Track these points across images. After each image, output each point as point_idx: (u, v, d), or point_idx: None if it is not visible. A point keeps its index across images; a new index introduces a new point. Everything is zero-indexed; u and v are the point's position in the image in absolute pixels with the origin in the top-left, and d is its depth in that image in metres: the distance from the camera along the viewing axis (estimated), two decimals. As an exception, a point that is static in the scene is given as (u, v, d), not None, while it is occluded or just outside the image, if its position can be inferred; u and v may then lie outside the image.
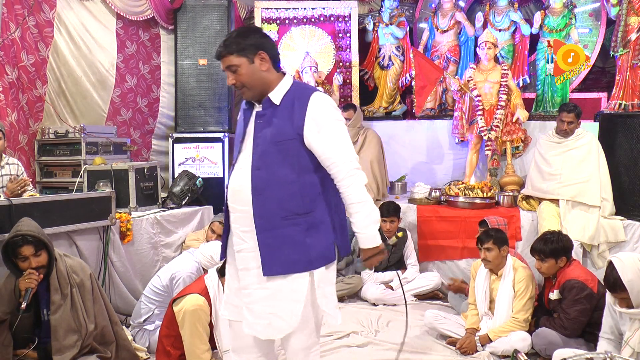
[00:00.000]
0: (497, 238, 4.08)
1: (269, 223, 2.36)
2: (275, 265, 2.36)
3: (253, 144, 2.41)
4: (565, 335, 3.74)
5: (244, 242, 2.43)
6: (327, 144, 2.36)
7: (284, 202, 2.36)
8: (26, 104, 5.21)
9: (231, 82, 2.42)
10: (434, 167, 6.64)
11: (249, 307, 2.42)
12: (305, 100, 2.38)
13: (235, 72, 2.40)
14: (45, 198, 3.81)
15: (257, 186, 2.37)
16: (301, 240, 2.37)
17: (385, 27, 6.93)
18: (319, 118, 2.37)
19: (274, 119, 2.40)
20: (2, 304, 3.05)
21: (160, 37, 6.50)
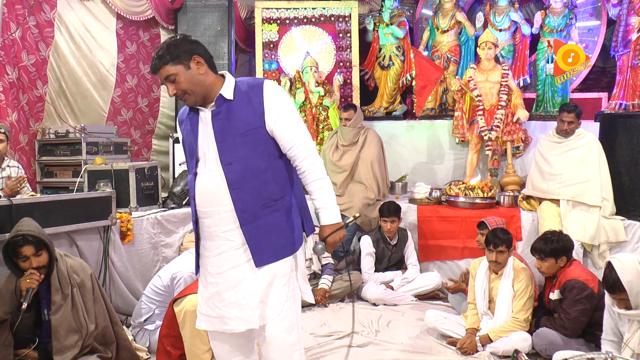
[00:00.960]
0: (509, 241, 4.08)
1: (251, 215, 2.40)
2: (265, 254, 2.42)
3: (216, 141, 2.42)
4: (565, 335, 3.74)
5: (229, 241, 2.44)
6: (288, 127, 2.44)
7: (261, 190, 2.41)
8: (27, 104, 5.21)
9: (172, 93, 2.42)
10: (435, 167, 6.64)
11: (239, 304, 2.43)
12: (259, 88, 2.45)
13: (174, 81, 2.40)
14: (46, 198, 3.81)
15: (233, 181, 2.39)
16: (284, 225, 2.45)
17: (385, 27, 6.92)
18: (277, 103, 2.43)
19: (232, 113, 2.43)
20: (3, 304, 3.05)
21: (161, 37, 6.50)
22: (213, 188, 2.42)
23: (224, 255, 2.45)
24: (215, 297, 2.49)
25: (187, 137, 2.56)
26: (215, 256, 2.47)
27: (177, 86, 2.40)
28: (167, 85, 2.42)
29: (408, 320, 4.66)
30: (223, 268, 2.46)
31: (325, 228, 2.50)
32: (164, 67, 2.39)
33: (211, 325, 2.53)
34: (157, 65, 2.40)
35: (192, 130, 2.50)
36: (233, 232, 2.43)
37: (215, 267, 2.48)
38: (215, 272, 2.48)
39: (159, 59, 2.40)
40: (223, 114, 2.43)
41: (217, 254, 2.46)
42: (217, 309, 2.48)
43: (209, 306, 2.52)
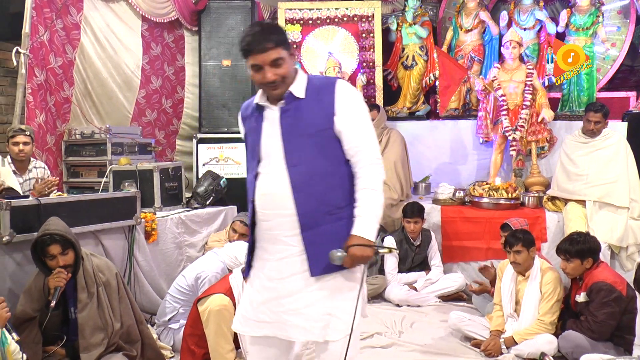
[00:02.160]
0: (525, 240, 4.03)
1: (313, 221, 2.25)
2: (322, 264, 2.25)
3: (282, 141, 2.27)
4: (593, 338, 3.68)
5: (291, 247, 2.29)
6: (356, 130, 2.28)
7: (326, 196, 2.27)
8: (54, 106, 5.29)
9: (272, 78, 2.23)
10: (458, 167, 6.59)
11: (300, 312, 2.28)
12: (331, 88, 2.30)
13: (279, 65, 2.23)
14: (72, 198, 3.86)
15: (297, 184, 2.24)
16: (345, 234, 2.25)
17: (408, 27, 6.90)
18: (349, 105, 2.29)
19: (301, 112, 2.28)
20: (32, 302, 3.10)
21: (185, 38, 6.55)
22: (276, 190, 2.27)
23: (285, 260, 2.30)
24: (273, 303, 2.33)
25: (250, 135, 2.42)
26: (277, 261, 2.32)
27: (279, 71, 2.23)
28: (266, 68, 2.22)
29: (431, 322, 4.64)
30: (284, 274, 2.30)
31: (354, 237, 2.24)
32: (276, 48, 2.21)
33: (263, 331, 2.37)
34: (269, 45, 2.20)
35: (256, 129, 2.36)
36: (294, 238, 2.28)
37: (276, 272, 2.32)
38: (275, 277, 2.32)
39: (273, 37, 2.22)
40: (291, 112, 2.29)
41: (279, 258, 2.31)
42: (275, 314, 2.33)
43: (262, 311, 2.35)
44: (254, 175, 2.35)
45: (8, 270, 3.33)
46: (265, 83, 2.25)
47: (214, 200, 5.39)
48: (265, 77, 2.23)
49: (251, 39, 2.21)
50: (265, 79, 2.23)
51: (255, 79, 2.28)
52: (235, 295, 3.44)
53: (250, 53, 2.23)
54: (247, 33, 2.24)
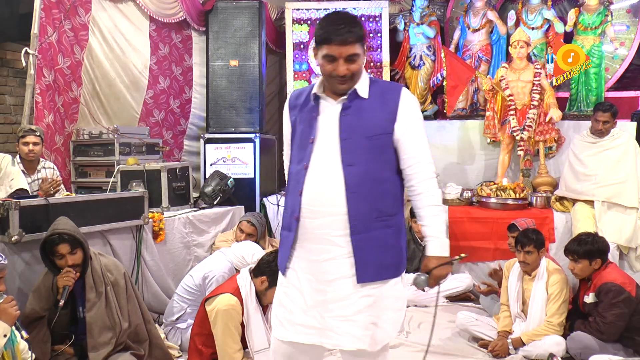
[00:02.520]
0: (537, 241, 4.02)
1: (363, 225, 2.18)
2: (369, 271, 2.19)
3: (340, 139, 2.21)
4: (601, 339, 3.67)
5: (339, 248, 2.20)
6: (415, 142, 2.24)
7: (377, 201, 2.21)
8: (62, 106, 5.31)
9: (344, 72, 2.17)
10: (466, 167, 6.57)
11: (349, 319, 2.20)
12: (396, 94, 2.26)
13: (354, 61, 2.18)
14: (81, 198, 3.88)
15: (351, 184, 2.17)
16: (393, 243, 2.25)
17: (416, 27, 6.90)
18: (411, 114, 2.25)
19: (362, 112, 2.23)
20: (41, 300, 3.11)
21: (192, 38, 6.56)
22: (329, 187, 2.20)
23: (334, 262, 2.22)
24: (322, 307, 2.23)
25: (300, 124, 2.33)
26: (325, 262, 2.22)
27: (351, 67, 2.18)
28: (340, 61, 2.16)
29: (439, 322, 4.61)
30: (333, 276, 2.22)
31: (432, 259, 2.25)
32: (355, 44, 2.16)
33: (311, 339, 2.26)
34: (351, 38, 2.15)
35: (310, 119, 2.28)
36: (343, 239, 2.20)
37: (325, 274, 2.23)
38: (323, 279, 2.23)
39: (354, 33, 2.16)
40: (353, 111, 2.23)
41: (326, 259, 2.22)
42: (323, 320, 2.23)
43: (312, 316, 2.25)
44: (302, 167, 2.26)
45: (17, 269, 3.35)
46: (335, 76, 2.20)
47: (222, 200, 5.41)
48: (337, 70, 2.17)
49: (333, 28, 2.15)
50: (337, 72, 2.18)
51: (325, 69, 2.21)
52: (242, 295, 3.45)
53: (329, 42, 2.16)
54: (329, 21, 2.18)
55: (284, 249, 2.34)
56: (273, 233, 6.01)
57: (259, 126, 6.29)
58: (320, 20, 2.23)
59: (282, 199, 6.11)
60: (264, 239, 5.07)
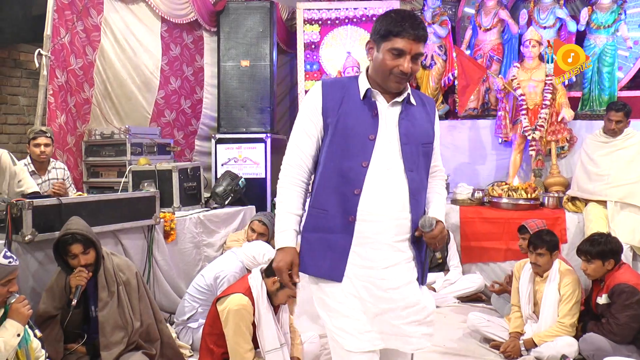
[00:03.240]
0: (551, 242, 3.99)
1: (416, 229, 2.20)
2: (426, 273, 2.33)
3: (400, 142, 2.16)
4: (614, 341, 3.64)
5: (401, 253, 2.18)
6: (438, 151, 2.39)
7: (423, 207, 2.27)
8: (74, 106, 5.34)
9: (408, 70, 2.10)
10: (477, 167, 6.55)
11: (424, 323, 2.22)
12: (433, 105, 2.36)
13: (417, 62, 2.15)
14: (93, 198, 3.90)
15: (413, 189, 2.18)
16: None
17: (427, 26, 6.83)
18: (438, 125, 2.38)
19: (415, 119, 2.22)
20: (54, 300, 3.14)
21: (204, 39, 6.58)
22: (395, 191, 2.15)
23: (397, 267, 2.17)
24: (391, 314, 2.16)
25: (349, 119, 2.18)
26: (385, 269, 2.15)
27: (414, 67, 2.13)
28: (406, 58, 2.09)
29: (450, 323, 4.61)
30: (398, 282, 2.16)
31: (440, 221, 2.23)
32: (424, 43, 2.14)
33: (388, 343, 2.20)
34: (424, 36, 2.12)
35: (368, 116, 2.17)
36: (404, 244, 2.18)
37: (387, 281, 2.15)
38: (387, 287, 2.15)
39: (424, 27, 2.12)
40: (406, 115, 2.20)
41: (387, 266, 2.15)
42: (395, 327, 2.17)
43: (382, 322, 2.17)
44: (359, 164, 2.14)
45: (30, 269, 3.38)
46: (396, 73, 2.11)
47: (233, 200, 5.42)
48: (403, 66, 2.09)
49: (409, 22, 2.07)
50: (402, 68, 2.10)
51: (387, 64, 2.11)
52: (254, 295, 3.45)
53: (401, 36, 2.07)
54: (403, 16, 2.11)
55: (335, 254, 2.18)
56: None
57: (270, 126, 6.30)
58: (389, 13, 2.15)
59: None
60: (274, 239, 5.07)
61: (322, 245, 2.19)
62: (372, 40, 2.18)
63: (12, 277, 2.67)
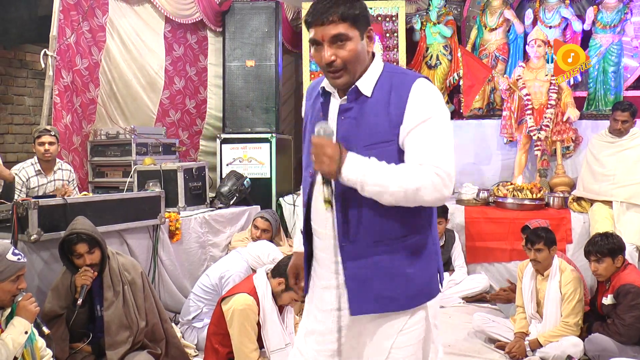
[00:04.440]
0: (547, 239, 3.99)
1: (357, 250, 1.86)
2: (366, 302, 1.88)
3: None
4: (620, 342, 3.63)
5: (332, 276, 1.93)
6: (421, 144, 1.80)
7: (378, 223, 1.85)
8: (80, 107, 5.36)
9: (330, 59, 1.79)
10: (482, 167, 6.53)
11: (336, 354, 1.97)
12: (406, 88, 1.82)
13: (343, 46, 1.79)
14: (98, 197, 3.91)
15: (342, 203, 1.85)
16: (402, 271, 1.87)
17: (432, 26, 6.87)
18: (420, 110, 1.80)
19: (364, 115, 1.84)
20: (59, 299, 3.15)
21: (208, 39, 6.59)
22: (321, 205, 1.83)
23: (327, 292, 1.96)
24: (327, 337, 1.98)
25: (310, 125, 1.97)
26: (321, 289, 1.99)
27: (340, 53, 1.79)
28: (325, 46, 1.80)
29: (455, 323, 4.60)
30: (327, 306, 1.96)
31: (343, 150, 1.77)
32: (340, 23, 1.77)
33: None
34: (332, 17, 1.77)
35: (319, 119, 1.91)
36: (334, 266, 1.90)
37: (322, 303, 1.98)
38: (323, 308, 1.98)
39: (336, 8, 1.77)
40: (353, 113, 1.86)
41: (323, 287, 1.97)
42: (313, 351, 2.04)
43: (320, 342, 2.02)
44: (309, 174, 1.96)
45: (36, 268, 3.39)
46: (324, 66, 1.83)
47: (238, 200, 5.43)
48: (322, 57, 1.81)
49: (314, 7, 1.81)
50: (323, 59, 1.81)
51: (315, 61, 1.86)
52: (259, 295, 3.46)
53: (309, 27, 1.83)
54: (312, 6, 1.84)
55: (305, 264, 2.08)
56: (290, 233, 6.02)
57: (275, 126, 6.30)
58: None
59: (298, 199, 6.14)
60: (279, 235, 5.09)
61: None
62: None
63: (20, 274, 2.69)
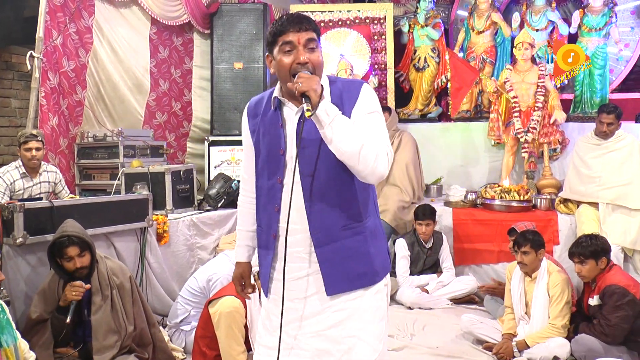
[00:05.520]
0: (534, 241, 4.02)
1: (327, 236, 2.08)
2: (338, 283, 2.10)
3: (297, 147, 2.03)
4: (606, 342, 3.65)
5: (307, 264, 2.11)
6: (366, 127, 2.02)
7: (342, 209, 2.08)
8: (66, 109, 5.32)
9: (305, 60, 2.00)
10: (470, 169, 6.57)
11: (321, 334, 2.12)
12: (355, 92, 2.08)
13: (314, 51, 2.04)
14: (85, 200, 3.89)
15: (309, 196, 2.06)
16: (363, 251, 2.11)
17: (420, 29, 6.90)
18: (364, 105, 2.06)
19: None
20: (46, 304, 3.12)
21: (194, 41, 6.57)
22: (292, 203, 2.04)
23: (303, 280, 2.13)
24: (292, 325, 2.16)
25: (267, 136, 2.16)
26: (294, 280, 2.14)
27: (312, 57, 2.03)
28: (299, 49, 2.02)
29: (443, 324, 4.62)
30: (302, 294, 2.14)
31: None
32: (310, 31, 2.04)
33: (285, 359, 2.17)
34: (307, 25, 2.03)
35: (275, 129, 2.13)
36: (309, 255, 2.11)
37: (294, 292, 2.15)
38: (294, 297, 2.15)
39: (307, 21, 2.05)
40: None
41: (297, 277, 2.13)
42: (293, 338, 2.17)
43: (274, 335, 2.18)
44: (276, 181, 2.13)
45: (22, 272, 3.36)
46: (296, 67, 2.01)
47: (226, 203, 5.41)
48: (298, 57, 2.01)
49: (287, 19, 2.05)
50: (298, 60, 2.01)
51: (284, 64, 2.03)
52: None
53: (284, 33, 2.03)
54: (282, 17, 2.08)
55: (264, 268, 2.24)
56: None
57: (263, 128, 6.28)
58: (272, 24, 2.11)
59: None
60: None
61: (261, 260, 2.27)
62: (268, 53, 2.13)
63: None
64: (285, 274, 2.13)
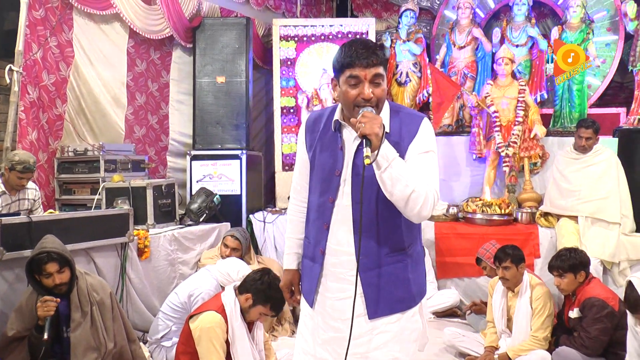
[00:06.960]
0: (514, 256, 4.05)
1: (372, 261, 2.15)
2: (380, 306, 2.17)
3: (352, 174, 2.13)
4: (586, 354, 3.68)
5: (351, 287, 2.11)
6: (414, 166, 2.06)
7: (388, 237, 2.17)
8: (46, 123, 5.27)
9: (370, 95, 2.05)
10: (452, 183, 6.60)
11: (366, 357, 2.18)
12: (414, 128, 2.13)
13: (379, 85, 2.07)
14: (64, 215, 3.85)
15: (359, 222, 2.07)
16: (404, 277, 2.19)
17: (402, 44, 6.95)
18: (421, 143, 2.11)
19: None
20: (23, 321, 3.07)
21: (172, 55, 6.54)
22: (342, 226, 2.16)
23: (345, 301, 2.17)
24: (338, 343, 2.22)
25: (324, 154, 2.23)
26: (338, 300, 2.21)
27: (376, 91, 2.07)
28: (365, 84, 2.05)
29: (425, 338, 4.61)
30: (345, 315, 2.17)
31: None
32: (379, 65, 2.06)
33: None
34: (375, 60, 2.05)
35: (333, 149, 2.20)
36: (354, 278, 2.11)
37: (338, 312, 2.21)
38: (338, 317, 2.21)
39: (377, 55, 2.06)
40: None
41: (340, 298, 2.20)
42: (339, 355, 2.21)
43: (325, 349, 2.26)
44: (327, 199, 2.20)
45: (-2, 288, 3.31)
46: (359, 101, 2.06)
47: (208, 217, 5.39)
48: (363, 92, 2.05)
49: (356, 50, 2.06)
50: (363, 95, 2.05)
51: (348, 96, 2.08)
52: (227, 313, 3.42)
53: (352, 66, 2.06)
54: (351, 45, 2.10)
55: (310, 280, 2.31)
56: (260, 250, 5.99)
57: (245, 143, 6.29)
58: (341, 47, 2.15)
59: (269, 216, 6.12)
60: (249, 254, 5.05)
61: (306, 270, 2.35)
62: (334, 77, 2.19)
63: None
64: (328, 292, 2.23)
